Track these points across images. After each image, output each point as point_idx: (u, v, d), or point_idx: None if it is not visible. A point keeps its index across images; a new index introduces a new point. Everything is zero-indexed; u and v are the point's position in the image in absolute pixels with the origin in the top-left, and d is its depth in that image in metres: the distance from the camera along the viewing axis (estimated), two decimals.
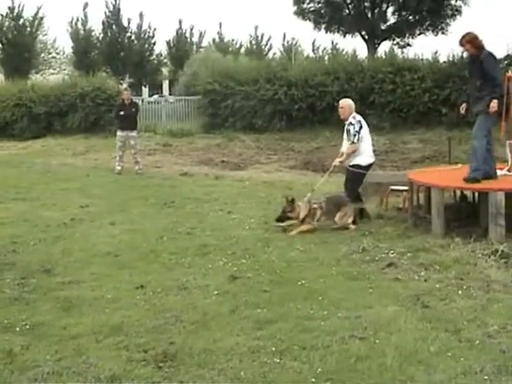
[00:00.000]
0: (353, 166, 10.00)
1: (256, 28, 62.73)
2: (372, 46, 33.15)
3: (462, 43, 9.01)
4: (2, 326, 5.63)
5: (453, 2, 31.84)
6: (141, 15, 47.08)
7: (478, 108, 8.82)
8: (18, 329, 5.56)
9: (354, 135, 9.89)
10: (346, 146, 10.18)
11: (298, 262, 7.72)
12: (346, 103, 10.33)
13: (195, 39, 58.85)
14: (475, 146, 8.87)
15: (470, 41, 8.84)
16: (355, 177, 10.06)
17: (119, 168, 16.72)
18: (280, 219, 9.66)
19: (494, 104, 8.53)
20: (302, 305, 6.10)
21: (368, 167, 10.22)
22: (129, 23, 45.93)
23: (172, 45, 56.20)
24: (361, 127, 9.97)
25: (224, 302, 6.25)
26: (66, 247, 8.54)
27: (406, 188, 10.40)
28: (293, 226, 9.54)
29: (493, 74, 8.67)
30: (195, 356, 4.95)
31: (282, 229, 9.55)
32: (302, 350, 5.02)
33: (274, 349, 5.04)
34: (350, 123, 9.99)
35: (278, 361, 4.84)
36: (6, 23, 44.04)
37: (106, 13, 45.48)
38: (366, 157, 10.09)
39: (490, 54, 8.89)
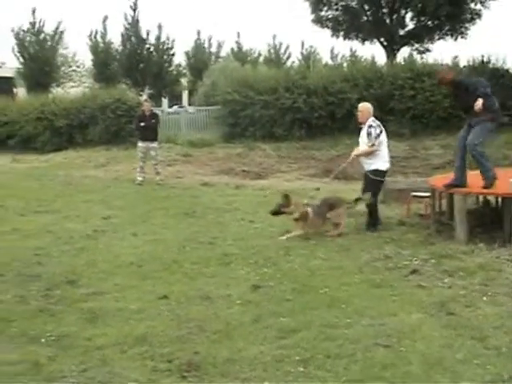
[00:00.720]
0: (373, 171, 9.98)
1: (274, 37, 62.78)
2: (391, 52, 33.01)
3: (441, 85, 9.49)
4: (28, 337, 5.67)
5: (472, 6, 31.59)
6: (159, 27, 47.21)
7: (474, 121, 8.89)
8: (43, 340, 5.60)
9: (375, 138, 9.89)
10: (362, 147, 10.19)
11: (320, 270, 7.71)
12: (365, 107, 10.32)
13: (214, 49, 59.09)
14: (475, 156, 8.92)
15: (449, 82, 9.26)
16: (376, 182, 10.04)
17: (140, 179, 16.80)
18: (275, 213, 9.99)
19: (478, 102, 8.62)
20: (325, 313, 6.09)
21: (386, 172, 10.22)
22: (147, 35, 46.10)
23: (191, 55, 56.46)
24: (381, 131, 9.98)
25: (247, 311, 6.26)
26: (89, 258, 8.59)
27: (428, 194, 10.36)
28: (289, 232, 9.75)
29: (471, 83, 8.97)
30: (219, 365, 4.95)
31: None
32: (327, 358, 5.01)
33: (297, 358, 5.03)
34: (371, 126, 9.99)
35: (303, 370, 4.83)
36: (28, 38, 44.49)
37: (124, 25, 45.73)
38: (385, 162, 10.08)
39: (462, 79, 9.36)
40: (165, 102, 55.08)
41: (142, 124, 17.01)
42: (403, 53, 35.04)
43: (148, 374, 4.82)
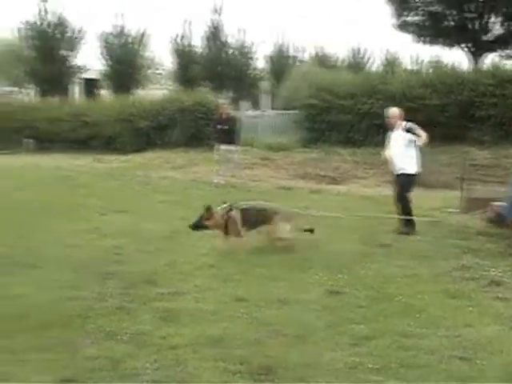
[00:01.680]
0: (408, 174, 10.31)
1: (356, 42, 62.56)
2: (475, 57, 32.33)
3: None
4: (105, 333, 5.82)
5: None
6: (242, 31, 47.61)
7: None
8: (119, 337, 5.72)
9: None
10: (399, 151, 10.59)
11: (395, 277, 7.63)
12: (396, 113, 10.36)
13: (296, 54, 59.15)
14: None
15: None
16: (409, 183, 10.28)
17: (217, 181, 16.97)
18: (196, 227, 9.45)
19: None
20: (399, 321, 6.02)
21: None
22: (230, 39, 46.55)
23: (272, 59, 56.67)
24: None
25: (321, 316, 6.25)
26: (168, 259, 8.70)
27: None
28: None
29: None
30: (291, 370, 4.95)
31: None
32: (400, 367, 4.95)
33: (370, 365, 4.99)
34: (411, 126, 10.30)
35: (376, 378, 4.78)
36: (114, 41, 45.59)
37: (207, 29, 46.27)
38: (417, 165, 10.33)
39: None
40: (244, 105, 55.43)
41: (219, 127, 17.18)
42: (488, 59, 34.13)
43: (220, 376, 4.86)
